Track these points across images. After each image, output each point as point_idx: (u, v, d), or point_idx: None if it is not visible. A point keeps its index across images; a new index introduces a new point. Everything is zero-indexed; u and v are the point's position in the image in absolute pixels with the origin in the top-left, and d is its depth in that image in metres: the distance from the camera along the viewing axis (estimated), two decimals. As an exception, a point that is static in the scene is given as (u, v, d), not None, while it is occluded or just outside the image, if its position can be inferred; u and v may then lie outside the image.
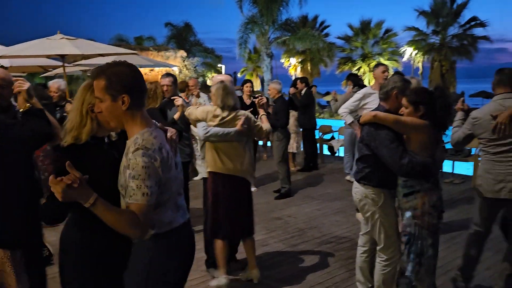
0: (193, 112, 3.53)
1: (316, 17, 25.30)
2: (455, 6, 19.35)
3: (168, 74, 4.68)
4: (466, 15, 19.50)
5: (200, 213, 3.87)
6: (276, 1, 19.84)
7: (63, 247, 1.91)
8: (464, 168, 7.35)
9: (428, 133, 2.62)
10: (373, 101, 4.89)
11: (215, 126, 3.38)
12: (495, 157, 3.01)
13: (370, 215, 2.93)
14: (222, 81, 3.47)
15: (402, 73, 6.71)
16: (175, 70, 17.21)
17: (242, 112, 3.48)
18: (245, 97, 6.30)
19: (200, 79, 19.65)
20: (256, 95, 3.54)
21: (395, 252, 2.91)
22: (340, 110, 5.12)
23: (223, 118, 3.40)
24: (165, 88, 4.40)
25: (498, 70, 3.17)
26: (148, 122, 1.76)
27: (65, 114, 4.78)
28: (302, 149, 8.14)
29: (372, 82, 5.02)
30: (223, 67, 27.28)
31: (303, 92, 7.60)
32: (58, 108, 4.84)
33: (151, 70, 15.83)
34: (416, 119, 2.62)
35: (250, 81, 6.76)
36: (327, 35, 24.44)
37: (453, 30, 19.69)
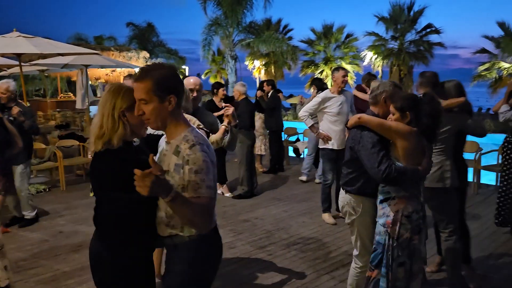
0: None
1: (279, 21, 25.56)
2: (412, 13, 20.06)
3: (131, 76, 4.62)
4: (422, 22, 20.34)
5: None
6: (240, 4, 19.87)
7: (92, 263, 1.90)
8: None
9: (414, 141, 2.49)
10: (332, 105, 4.99)
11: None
12: None
13: (350, 222, 2.89)
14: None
15: (374, 75, 6.90)
16: (138, 71, 16.86)
17: (186, 116, 3.39)
18: (217, 100, 6.30)
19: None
20: (224, 105, 3.33)
21: (367, 261, 2.81)
22: (300, 113, 5.19)
23: None
24: None
25: (421, 73, 3.53)
26: (187, 122, 1.83)
27: (11, 118, 4.54)
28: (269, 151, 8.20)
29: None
30: (187, 68, 26.99)
31: (269, 94, 7.66)
32: (5, 110, 4.63)
33: (113, 70, 15.43)
34: (402, 124, 2.51)
35: (224, 84, 6.82)
36: (290, 38, 24.73)
37: (410, 36, 20.42)
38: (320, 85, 6.85)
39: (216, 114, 5.71)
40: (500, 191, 4.67)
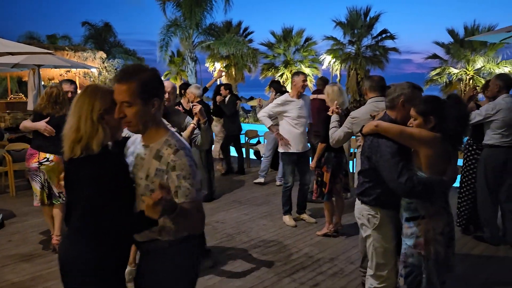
0: None
1: (240, 23, 25.58)
2: (368, 19, 20.66)
3: (69, 81, 4.69)
4: (378, 28, 20.95)
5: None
6: (200, 5, 19.72)
7: (70, 268, 1.78)
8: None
9: (439, 148, 2.28)
10: (292, 109, 5.03)
11: None
12: None
13: (366, 236, 2.68)
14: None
15: (326, 78, 7.02)
16: (94, 72, 16.35)
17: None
18: (185, 102, 6.21)
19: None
20: (192, 104, 3.43)
21: (388, 282, 2.62)
22: (259, 115, 5.22)
23: None
24: (69, 94, 4.36)
25: (368, 77, 3.69)
26: (167, 126, 1.83)
27: None
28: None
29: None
30: (146, 69, 26.47)
31: (227, 98, 7.63)
32: None
33: (68, 71, 14.87)
34: (424, 131, 2.30)
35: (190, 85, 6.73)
36: (251, 41, 24.81)
37: (366, 41, 21.01)
38: (278, 87, 6.92)
39: None
40: (459, 191, 4.83)
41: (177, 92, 4.57)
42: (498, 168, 4.31)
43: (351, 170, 5.70)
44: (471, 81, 16.67)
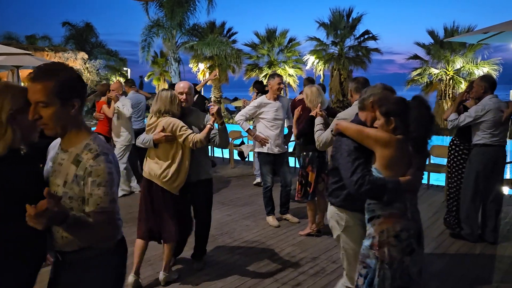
0: None
1: (223, 24, 25.53)
2: (350, 20, 20.85)
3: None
4: (361, 28, 21.18)
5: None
6: (182, 6, 19.62)
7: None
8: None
9: (396, 149, 2.24)
10: (268, 111, 5.06)
11: (147, 132, 3.54)
12: None
13: (336, 238, 2.70)
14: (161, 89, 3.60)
15: (312, 79, 7.08)
16: (75, 73, 16.13)
17: (165, 119, 3.41)
18: None
19: (104, 83, 18.65)
20: (209, 104, 3.60)
21: (351, 279, 2.64)
22: (236, 118, 5.22)
23: (149, 125, 3.52)
24: None
25: (354, 78, 3.76)
26: (89, 129, 1.71)
27: None
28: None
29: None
30: (129, 70, 26.21)
31: (194, 98, 7.64)
32: None
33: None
34: (382, 131, 2.28)
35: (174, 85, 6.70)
36: (234, 41, 24.79)
37: (349, 42, 21.18)
38: (260, 88, 6.93)
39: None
40: (447, 193, 4.93)
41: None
42: (489, 167, 4.40)
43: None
44: (451, 81, 16.97)
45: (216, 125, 3.50)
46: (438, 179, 6.95)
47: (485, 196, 4.53)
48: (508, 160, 4.76)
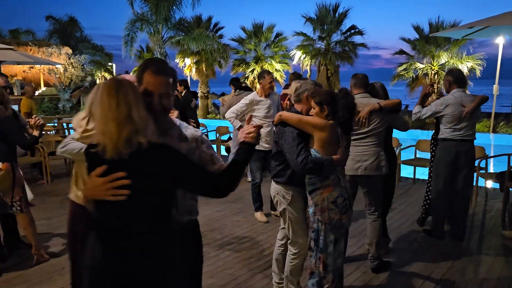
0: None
1: (210, 18, 25.30)
2: (337, 15, 20.87)
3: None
4: (347, 23, 21.22)
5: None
6: (167, 0, 19.40)
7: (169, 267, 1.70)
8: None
9: (330, 133, 2.77)
10: (260, 109, 5.07)
11: (77, 139, 2.61)
12: (354, 142, 3.57)
13: (282, 211, 3.10)
14: (98, 84, 2.73)
15: (299, 74, 7.08)
16: (60, 68, 15.87)
17: None
18: None
19: (89, 78, 18.40)
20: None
21: (302, 247, 3.07)
22: (227, 115, 5.20)
23: (86, 130, 2.59)
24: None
25: (353, 75, 3.88)
26: None
27: None
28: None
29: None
30: (114, 65, 25.89)
31: (183, 94, 7.65)
32: None
33: (31, 67, 14.38)
34: (317, 118, 2.78)
35: None
36: (221, 36, 24.59)
37: (336, 37, 21.16)
38: (237, 84, 6.96)
39: None
40: (427, 186, 5.04)
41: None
42: (450, 161, 4.41)
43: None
44: (436, 76, 17.14)
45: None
46: (424, 173, 7.07)
47: (452, 191, 4.54)
48: (491, 154, 4.85)
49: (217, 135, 9.26)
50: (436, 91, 17.13)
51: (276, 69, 22.37)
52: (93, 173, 1.65)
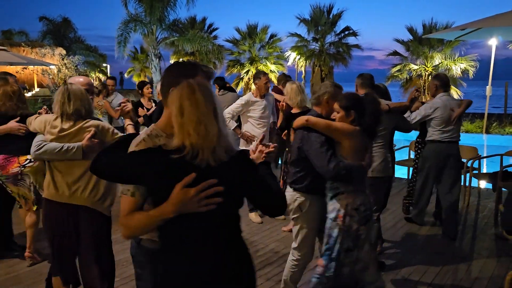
0: (32, 122, 2.93)
1: (204, 19, 25.38)
2: (331, 16, 20.97)
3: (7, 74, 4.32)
4: (341, 25, 21.28)
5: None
6: (161, 0, 19.36)
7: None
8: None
9: (358, 139, 2.66)
10: (256, 109, 5.06)
11: (52, 140, 2.70)
12: None
13: (294, 218, 2.98)
14: (66, 84, 2.82)
15: (289, 76, 7.11)
16: (53, 69, 15.79)
17: (93, 122, 2.77)
18: (145, 101, 6.06)
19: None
20: (120, 102, 3.10)
21: (307, 255, 3.01)
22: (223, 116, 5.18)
23: (63, 130, 2.70)
24: None
25: (360, 74, 3.94)
26: None
27: None
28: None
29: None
30: (108, 66, 25.81)
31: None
32: None
33: (24, 68, 14.29)
34: (347, 125, 2.66)
35: (148, 82, 6.56)
36: (215, 37, 24.67)
37: (330, 38, 21.30)
38: (222, 84, 6.94)
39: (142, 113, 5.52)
40: (410, 185, 5.16)
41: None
42: (440, 162, 4.59)
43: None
44: (429, 77, 17.27)
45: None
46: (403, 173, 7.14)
47: (440, 190, 4.73)
48: (484, 154, 4.94)
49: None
50: (427, 92, 17.25)
51: (271, 70, 22.40)
52: (183, 183, 1.47)
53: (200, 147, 1.47)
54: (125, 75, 32.52)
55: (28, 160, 3.76)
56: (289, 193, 2.98)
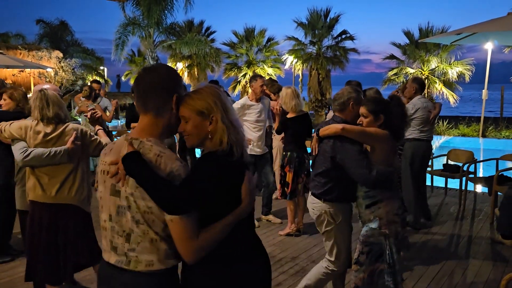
0: (6, 128, 2.85)
1: (202, 23, 25.36)
2: (328, 20, 21.00)
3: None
4: (338, 28, 21.28)
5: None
6: (159, 4, 19.38)
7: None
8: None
9: (390, 143, 2.65)
10: (251, 113, 5.07)
11: (36, 145, 2.79)
12: None
13: (328, 230, 2.89)
14: (41, 90, 2.86)
15: (275, 80, 7.12)
16: (50, 72, 15.77)
17: (73, 125, 2.90)
18: None
19: (79, 82, 18.29)
20: (90, 109, 3.14)
21: (340, 266, 2.93)
22: None
23: (46, 134, 2.80)
24: None
25: (348, 81, 4.15)
26: None
27: None
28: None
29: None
30: (105, 69, 25.78)
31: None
32: None
33: (21, 71, 14.26)
34: (379, 130, 2.64)
35: None
36: (213, 40, 24.65)
37: (327, 41, 21.29)
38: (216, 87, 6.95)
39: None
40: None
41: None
42: (419, 158, 5.03)
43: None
44: (426, 81, 17.31)
45: None
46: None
47: (416, 184, 5.15)
48: (481, 158, 5.01)
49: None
50: (426, 95, 17.32)
51: (268, 74, 22.41)
52: (248, 181, 1.60)
53: (240, 148, 1.59)
54: (122, 78, 32.49)
55: None
56: (317, 204, 2.89)
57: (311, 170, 3.16)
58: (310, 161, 3.57)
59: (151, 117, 1.55)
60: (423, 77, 17.42)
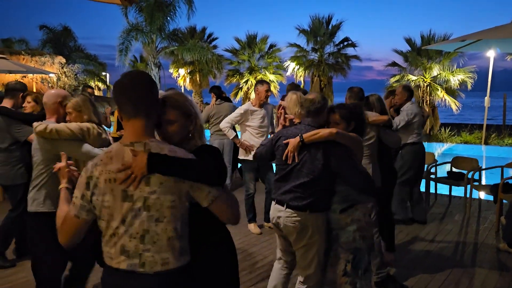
0: (64, 127, 2.71)
1: (204, 29, 25.46)
2: (330, 27, 21.06)
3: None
4: (340, 35, 21.35)
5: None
6: (162, 10, 19.47)
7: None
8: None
9: (362, 149, 2.78)
10: (254, 119, 5.04)
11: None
12: None
13: (310, 242, 2.65)
14: (82, 93, 3.13)
15: (296, 85, 7.10)
16: (53, 77, 15.79)
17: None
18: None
19: (82, 87, 18.34)
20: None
21: (317, 279, 2.73)
22: (222, 125, 5.12)
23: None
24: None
25: (349, 88, 4.02)
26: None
27: None
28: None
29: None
30: (108, 75, 25.84)
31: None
32: None
33: (24, 76, 14.27)
34: (356, 135, 2.68)
35: None
36: (215, 47, 24.74)
37: (329, 48, 21.35)
38: (218, 93, 6.94)
39: None
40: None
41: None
42: (420, 160, 5.37)
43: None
44: (428, 88, 17.28)
45: None
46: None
47: (414, 185, 5.50)
48: (483, 166, 5.01)
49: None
50: (428, 102, 17.32)
51: (270, 80, 22.44)
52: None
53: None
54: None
55: None
56: (298, 217, 2.62)
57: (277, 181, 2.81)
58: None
59: (143, 120, 1.61)
60: (425, 84, 17.41)
